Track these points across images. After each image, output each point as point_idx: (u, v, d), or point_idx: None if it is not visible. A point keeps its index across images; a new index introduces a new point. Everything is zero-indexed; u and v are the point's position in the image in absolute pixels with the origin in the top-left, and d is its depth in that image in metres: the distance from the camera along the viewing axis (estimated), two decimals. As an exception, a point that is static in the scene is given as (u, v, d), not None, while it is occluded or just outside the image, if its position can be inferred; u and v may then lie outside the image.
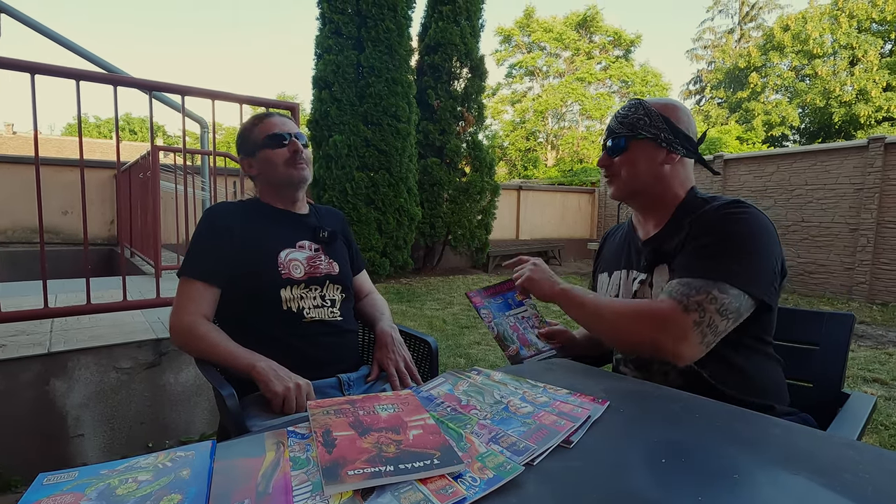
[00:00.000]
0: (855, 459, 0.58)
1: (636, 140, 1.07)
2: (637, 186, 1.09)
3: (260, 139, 1.30)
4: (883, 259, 6.57)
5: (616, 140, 1.09)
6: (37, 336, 2.00)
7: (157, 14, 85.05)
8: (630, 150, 1.08)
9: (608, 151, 1.11)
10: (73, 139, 24.62)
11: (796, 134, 21.07)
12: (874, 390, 3.08)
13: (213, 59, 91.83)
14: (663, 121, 1.06)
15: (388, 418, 0.67)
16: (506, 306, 1.25)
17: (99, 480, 0.54)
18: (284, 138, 1.30)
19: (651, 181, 1.08)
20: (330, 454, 0.57)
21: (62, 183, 6.31)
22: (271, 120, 1.33)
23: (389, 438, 0.61)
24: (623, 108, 1.12)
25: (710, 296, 0.88)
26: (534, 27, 25.17)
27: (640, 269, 1.09)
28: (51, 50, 10.98)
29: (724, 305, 0.88)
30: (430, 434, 0.62)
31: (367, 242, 7.01)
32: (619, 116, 1.10)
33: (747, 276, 0.90)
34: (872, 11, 17.28)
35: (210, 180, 3.28)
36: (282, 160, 1.29)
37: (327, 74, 6.96)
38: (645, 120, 1.07)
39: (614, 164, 1.10)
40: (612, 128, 1.11)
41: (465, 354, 3.73)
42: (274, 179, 1.32)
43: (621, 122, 1.09)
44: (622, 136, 1.08)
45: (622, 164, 1.09)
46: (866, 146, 6.69)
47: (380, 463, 0.55)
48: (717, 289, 0.88)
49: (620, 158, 1.09)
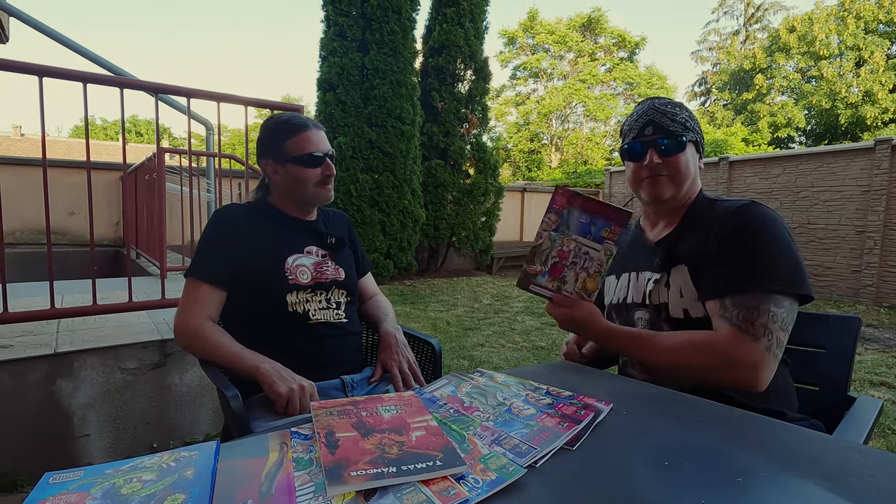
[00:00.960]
0: (861, 463, 0.57)
1: (689, 141, 1.06)
2: (683, 189, 1.07)
3: (293, 153, 1.27)
4: (890, 262, 6.52)
5: (672, 140, 1.04)
6: (43, 336, 2.01)
7: (162, 20, 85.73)
8: (685, 152, 1.05)
9: (661, 151, 1.05)
10: (79, 141, 24.83)
11: (802, 136, 20.95)
12: (881, 394, 3.05)
13: (218, 63, 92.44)
14: (699, 126, 1.09)
15: (390, 420, 0.67)
16: (585, 229, 1.01)
17: (104, 480, 0.54)
18: (320, 159, 1.29)
19: (692, 185, 1.08)
20: (333, 455, 0.58)
21: (69, 184, 6.36)
22: (307, 135, 1.28)
23: (392, 440, 0.62)
24: (663, 104, 1.07)
25: (771, 315, 0.88)
26: (538, 29, 25.18)
27: (653, 269, 1.07)
28: (58, 52, 11.07)
29: (784, 320, 0.89)
30: (432, 435, 0.63)
31: (371, 244, 7.03)
32: (668, 114, 1.05)
33: (791, 279, 0.90)
34: (879, 13, 17.18)
35: (215, 182, 3.30)
36: (313, 181, 1.29)
37: (332, 77, 6.99)
38: (691, 122, 1.06)
39: (667, 164, 1.05)
40: (663, 125, 1.04)
41: (468, 356, 3.72)
42: (298, 195, 1.32)
43: (673, 120, 1.05)
44: (678, 135, 1.04)
45: (679, 164, 1.05)
46: (873, 148, 6.65)
47: (382, 464, 0.55)
48: (772, 304, 0.89)
49: (675, 159, 1.04)
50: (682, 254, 1.02)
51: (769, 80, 20.55)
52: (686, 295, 1.00)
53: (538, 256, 1.04)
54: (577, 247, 1.02)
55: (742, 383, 0.89)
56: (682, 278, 1.00)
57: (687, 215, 1.08)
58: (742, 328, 0.89)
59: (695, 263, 0.99)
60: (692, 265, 1.00)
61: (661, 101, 1.08)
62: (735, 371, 0.88)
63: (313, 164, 1.28)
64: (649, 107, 1.08)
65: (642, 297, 1.09)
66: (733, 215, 0.97)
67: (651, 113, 1.06)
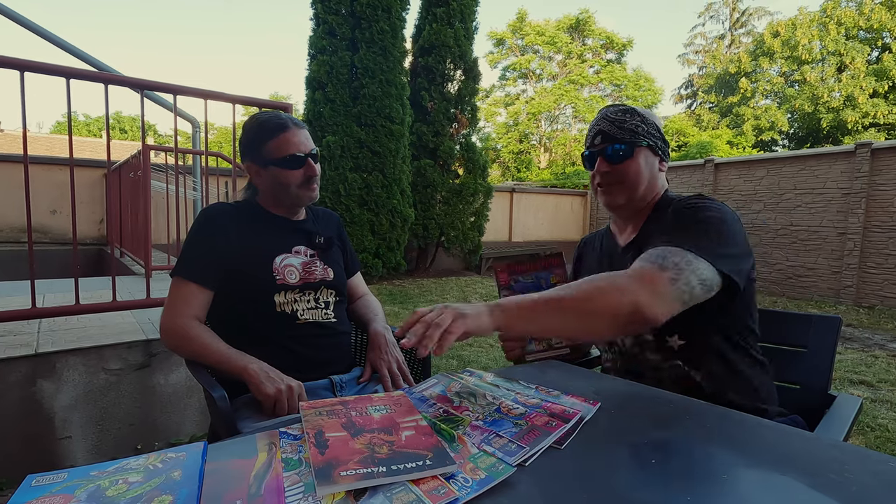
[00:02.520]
0: (841, 460, 0.59)
1: (639, 147, 1.07)
2: (638, 194, 1.08)
3: (274, 156, 1.24)
4: (869, 263, 6.67)
5: (619, 147, 1.06)
6: (24, 336, 1.97)
7: (148, 16, 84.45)
8: (634, 158, 1.06)
9: (608, 158, 1.07)
10: (61, 137, 24.34)
11: (785, 139, 21.33)
12: (860, 392, 3.12)
13: (206, 61, 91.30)
14: (656, 128, 1.09)
15: (380, 419, 0.67)
16: (535, 287, 1.08)
17: (89, 482, 0.54)
18: (302, 161, 1.25)
19: (648, 188, 1.09)
20: (322, 455, 0.57)
21: (51, 182, 6.24)
22: (286, 136, 1.24)
23: (382, 439, 0.62)
24: (614, 112, 1.09)
25: (685, 258, 0.87)
26: (526, 30, 25.29)
27: None
28: (39, 47, 10.85)
29: (699, 270, 0.86)
30: (422, 435, 0.63)
31: (360, 243, 7.00)
32: (617, 122, 1.07)
33: (715, 252, 0.89)
34: (860, 19, 17.55)
35: (202, 180, 3.26)
36: (295, 182, 1.26)
37: (321, 75, 6.95)
38: (643, 127, 1.07)
39: (615, 172, 1.07)
40: (611, 133, 1.07)
41: (457, 356, 3.73)
42: (282, 197, 1.30)
43: (621, 128, 1.06)
44: (625, 142, 1.06)
45: (626, 172, 1.06)
46: (853, 151, 6.79)
47: (372, 464, 0.56)
48: (690, 255, 0.87)
49: (623, 166, 1.06)
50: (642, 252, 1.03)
51: (753, 83, 20.88)
52: None
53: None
54: None
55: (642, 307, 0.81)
56: None
57: (650, 217, 1.09)
58: (651, 262, 0.87)
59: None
60: None
61: (612, 110, 1.10)
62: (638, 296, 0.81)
63: (295, 165, 1.25)
64: (601, 116, 1.10)
65: None
66: (679, 205, 1.00)
67: (601, 123, 1.09)
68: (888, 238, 6.49)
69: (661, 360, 1.05)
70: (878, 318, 5.70)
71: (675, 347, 1.02)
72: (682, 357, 1.02)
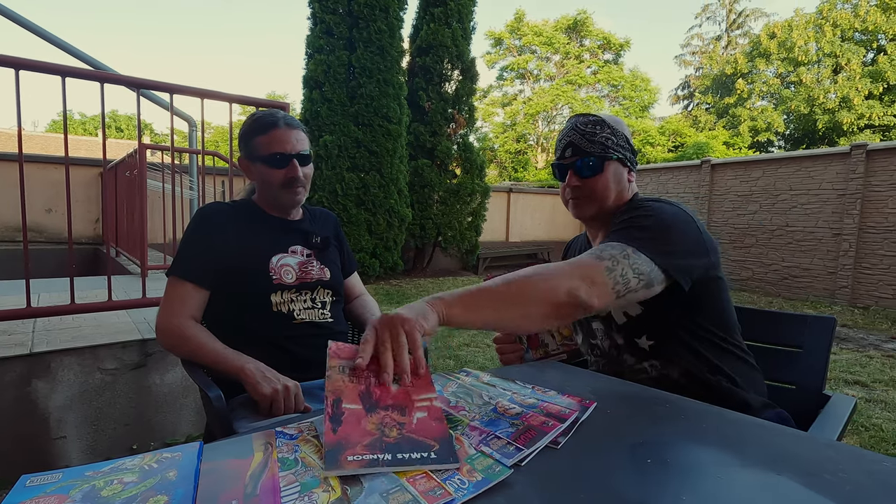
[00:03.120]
0: (835, 459, 0.59)
1: (608, 161, 1.06)
2: (607, 206, 1.08)
3: (261, 152, 1.24)
4: (864, 263, 6.71)
5: (587, 161, 1.06)
6: (18, 336, 1.96)
7: (147, 18, 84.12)
8: (605, 172, 1.06)
9: (578, 172, 1.07)
10: (57, 136, 24.21)
11: (781, 140, 21.41)
12: (855, 392, 3.14)
13: (203, 60, 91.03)
14: (625, 139, 1.09)
15: (396, 394, 0.68)
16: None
17: (84, 482, 0.53)
18: (285, 161, 1.24)
19: (617, 199, 1.09)
20: (335, 433, 0.59)
21: (46, 181, 6.21)
22: (275, 133, 1.24)
23: (393, 420, 0.63)
24: (583, 123, 1.08)
25: (623, 252, 0.90)
26: (524, 31, 25.31)
27: None
28: (34, 45, 10.78)
29: (636, 263, 0.89)
30: (433, 420, 0.63)
31: (357, 243, 6.99)
32: (587, 135, 1.06)
33: (655, 248, 0.92)
34: (855, 21, 17.64)
35: (198, 180, 3.25)
36: (277, 182, 1.25)
37: (318, 74, 6.94)
38: (612, 139, 1.06)
39: (585, 186, 1.07)
40: (581, 147, 1.06)
41: (454, 356, 3.73)
42: (268, 196, 1.30)
43: (591, 141, 1.06)
44: (594, 156, 1.06)
45: (595, 186, 1.06)
46: (849, 153, 6.83)
47: (379, 450, 0.57)
48: (629, 250, 0.91)
49: (593, 181, 1.06)
50: None
51: (750, 85, 20.95)
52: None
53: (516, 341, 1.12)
54: None
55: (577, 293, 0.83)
56: None
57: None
58: (590, 253, 0.91)
59: None
60: None
61: (583, 121, 1.08)
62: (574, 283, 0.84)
63: (277, 164, 1.24)
64: (571, 127, 1.09)
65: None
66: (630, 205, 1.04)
67: (571, 134, 1.08)
68: (883, 239, 6.53)
69: (636, 361, 1.07)
70: (873, 319, 5.73)
71: (646, 348, 1.05)
72: (654, 357, 1.05)
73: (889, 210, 6.47)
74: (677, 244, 0.94)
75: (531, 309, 0.84)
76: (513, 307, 0.83)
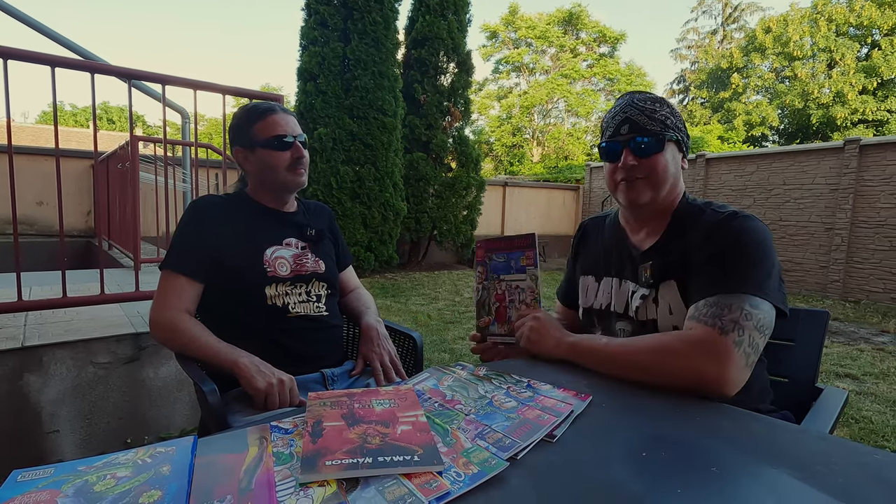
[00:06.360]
0: (827, 452, 0.60)
1: (668, 141, 0.98)
2: (662, 193, 1.00)
3: (261, 137, 1.24)
4: (856, 258, 6.77)
5: (650, 139, 0.96)
6: (10, 330, 1.94)
7: (142, 11, 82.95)
8: (663, 153, 0.97)
9: (637, 151, 0.97)
10: (47, 127, 23.88)
11: (775, 134, 21.50)
12: (846, 385, 3.18)
13: (196, 52, 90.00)
14: (682, 121, 1.02)
15: (381, 413, 0.67)
16: (506, 268, 1.10)
17: (76, 477, 0.53)
18: (289, 142, 1.24)
19: (672, 187, 1.01)
20: (314, 444, 0.58)
21: (37, 172, 6.13)
22: (275, 118, 1.25)
23: (377, 430, 0.62)
24: (642, 100, 1.00)
25: (743, 312, 0.81)
26: (519, 24, 25.17)
27: (641, 283, 1.01)
28: (23, 34, 10.59)
29: (760, 320, 0.82)
30: (417, 431, 0.63)
31: (352, 237, 6.97)
32: (647, 111, 0.98)
33: (769, 287, 0.85)
34: (850, 16, 17.68)
35: (191, 172, 3.23)
36: (283, 165, 1.25)
37: (312, 66, 6.88)
38: (671, 119, 0.99)
39: (643, 166, 0.97)
40: (640, 123, 0.97)
41: (449, 350, 3.74)
42: (270, 181, 1.28)
43: (651, 118, 0.97)
44: (655, 134, 0.97)
45: (656, 166, 0.97)
46: (842, 148, 6.87)
47: (360, 454, 0.56)
48: (748, 303, 0.82)
49: (652, 160, 0.97)
50: (670, 268, 0.97)
51: (745, 79, 20.99)
52: (675, 312, 0.95)
53: (483, 309, 1.12)
54: (507, 285, 1.10)
55: (709, 379, 0.79)
56: (672, 294, 0.96)
57: (673, 223, 1.01)
58: (710, 323, 0.82)
59: (683, 278, 0.95)
60: (680, 280, 0.95)
61: (640, 97, 1.00)
62: (702, 366, 0.79)
63: (282, 146, 1.24)
64: (627, 102, 1.01)
65: (624, 308, 1.04)
66: (720, 225, 0.92)
67: (629, 110, 0.99)
68: (874, 233, 6.58)
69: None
70: (864, 313, 5.80)
71: None
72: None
73: (881, 205, 6.52)
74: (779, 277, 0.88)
75: (650, 377, 0.84)
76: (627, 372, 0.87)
